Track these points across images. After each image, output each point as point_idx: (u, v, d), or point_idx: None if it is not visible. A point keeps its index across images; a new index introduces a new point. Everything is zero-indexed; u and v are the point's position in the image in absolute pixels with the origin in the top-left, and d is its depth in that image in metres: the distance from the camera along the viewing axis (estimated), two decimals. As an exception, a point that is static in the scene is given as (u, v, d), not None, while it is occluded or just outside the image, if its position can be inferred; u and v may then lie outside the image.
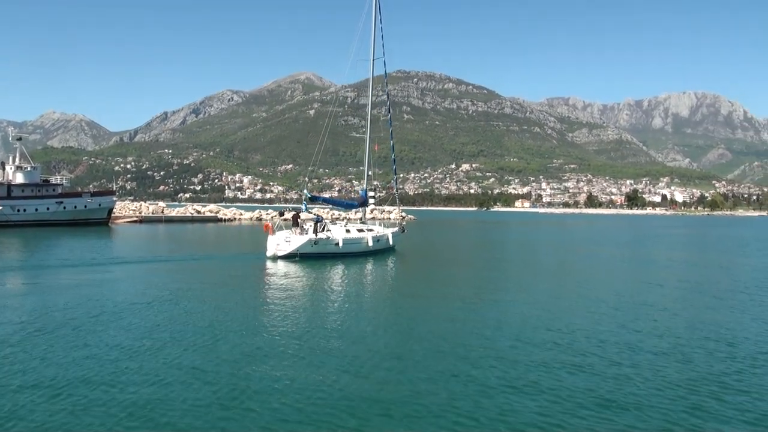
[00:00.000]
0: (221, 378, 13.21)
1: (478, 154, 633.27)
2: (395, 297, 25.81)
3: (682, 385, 13.22)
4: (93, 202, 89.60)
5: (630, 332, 18.49)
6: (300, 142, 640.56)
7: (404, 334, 17.82)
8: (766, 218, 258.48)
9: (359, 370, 13.92)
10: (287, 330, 18.14)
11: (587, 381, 13.47)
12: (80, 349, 15.40)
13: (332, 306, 23.00)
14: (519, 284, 30.27)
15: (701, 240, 78.59)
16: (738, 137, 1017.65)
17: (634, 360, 15.26)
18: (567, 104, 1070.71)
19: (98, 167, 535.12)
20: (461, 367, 14.31)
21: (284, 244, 39.88)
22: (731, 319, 21.08)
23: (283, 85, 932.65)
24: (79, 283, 27.57)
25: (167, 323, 18.85)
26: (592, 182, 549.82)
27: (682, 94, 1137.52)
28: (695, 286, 30.34)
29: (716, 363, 15.11)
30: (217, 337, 16.92)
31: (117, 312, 20.39)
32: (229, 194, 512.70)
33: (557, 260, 45.54)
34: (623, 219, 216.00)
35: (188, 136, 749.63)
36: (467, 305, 23.13)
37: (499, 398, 12.29)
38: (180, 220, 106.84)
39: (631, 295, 26.62)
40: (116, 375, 13.28)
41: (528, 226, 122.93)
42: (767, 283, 31.48)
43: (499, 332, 18.21)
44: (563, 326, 19.20)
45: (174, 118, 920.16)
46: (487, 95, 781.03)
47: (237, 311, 21.09)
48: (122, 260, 38.33)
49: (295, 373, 13.62)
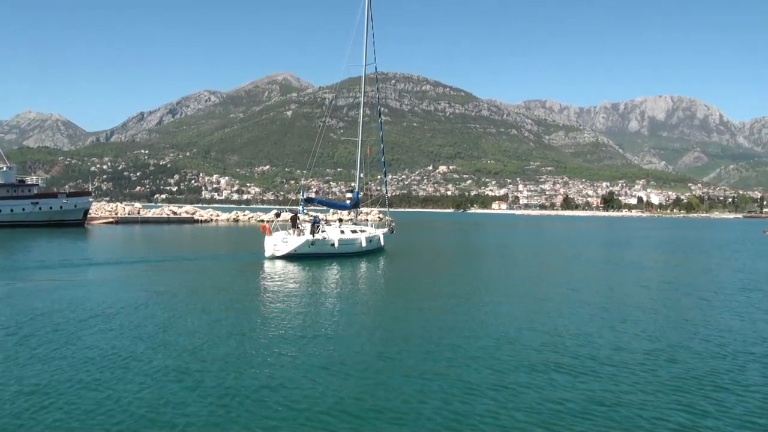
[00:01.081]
0: (223, 379, 13.37)
1: (455, 156, 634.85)
2: (389, 297, 26.40)
3: (670, 384, 13.49)
4: (69, 203, 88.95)
5: (617, 332, 18.83)
6: (277, 143, 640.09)
7: (397, 335, 18.13)
8: (741, 220, 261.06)
9: (355, 371, 14.12)
10: (288, 329, 18.62)
11: (575, 381, 13.74)
12: (77, 353, 15.41)
13: (331, 306, 23.34)
14: (507, 284, 30.92)
15: (681, 242, 79.42)
16: (714, 141, 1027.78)
17: (623, 359, 15.57)
18: (544, 107, 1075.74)
19: (74, 167, 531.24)
20: (453, 367, 14.56)
21: (281, 244, 40.82)
22: (715, 318, 21.53)
23: (260, 85, 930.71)
24: (77, 284, 27.49)
25: (182, 325, 19.14)
26: (568, 184, 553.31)
27: (659, 98, 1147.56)
28: (680, 287, 30.82)
29: (703, 362, 15.44)
30: (215, 339, 17.12)
31: (110, 315, 20.39)
32: (205, 195, 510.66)
33: (540, 261, 45.98)
34: (600, 221, 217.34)
35: (165, 137, 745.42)
36: (459, 306, 23.60)
37: (491, 398, 12.49)
38: (156, 221, 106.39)
39: (618, 296, 27.03)
40: (106, 381, 13.21)
41: (506, 228, 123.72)
42: (749, 284, 32.09)
43: (489, 332, 18.61)
44: (550, 326, 19.64)
45: (150, 118, 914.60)
46: (465, 97, 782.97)
47: (241, 311, 21.58)
48: (118, 261, 38.33)
49: (292, 374, 13.80)
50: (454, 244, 68.74)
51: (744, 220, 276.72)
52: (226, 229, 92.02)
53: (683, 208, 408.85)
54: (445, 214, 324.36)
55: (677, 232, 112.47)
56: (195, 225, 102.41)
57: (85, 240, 61.46)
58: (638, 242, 75.50)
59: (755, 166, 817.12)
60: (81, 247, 50.59)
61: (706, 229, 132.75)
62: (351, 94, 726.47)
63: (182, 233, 78.09)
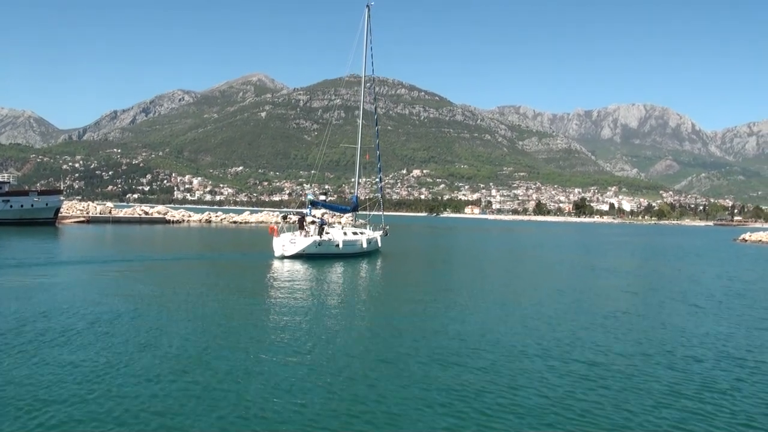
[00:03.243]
0: (230, 377, 13.63)
1: (429, 160, 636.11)
2: (395, 293, 29.09)
3: (648, 389, 13.82)
4: (40, 202, 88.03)
5: (604, 335, 19.35)
6: (251, 144, 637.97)
7: (396, 336, 18.72)
8: (712, 228, 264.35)
9: (358, 373, 14.38)
10: (308, 324, 19.95)
11: (567, 383, 14.09)
12: (77, 353, 15.42)
13: (347, 302, 25.52)
14: (496, 284, 33.06)
15: (658, 248, 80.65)
16: (686, 149, 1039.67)
17: (617, 363, 15.99)
18: (518, 113, 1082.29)
19: (46, 165, 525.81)
20: (450, 370, 14.87)
21: (290, 245, 43.07)
22: (693, 323, 22.04)
23: (235, 86, 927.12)
24: (49, 284, 27.51)
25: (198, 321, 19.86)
26: (541, 190, 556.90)
27: (631, 106, 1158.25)
28: (661, 293, 31.42)
29: (684, 367, 15.87)
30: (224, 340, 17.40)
31: (114, 317, 20.46)
32: (178, 195, 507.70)
33: (524, 266, 46.97)
34: (573, 227, 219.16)
35: (138, 136, 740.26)
36: (458, 302, 25.65)
37: (491, 400, 12.78)
38: (128, 221, 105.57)
39: (603, 301, 27.59)
40: (101, 384, 13.09)
41: (482, 233, 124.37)
42: (730, 290, 32.94)
43: (483, 331, 19.16)
44: (536, 328, 20.05)
45: (124, 116, 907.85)
46: (439, 102, 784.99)
47: (256, 307, 22.96)
48: (89, 261, 38.17)
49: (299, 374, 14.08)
50: (441, 247, 72.53)
51: (715, 227, 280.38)
52: (198, 229, 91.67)
53: (654, 215, 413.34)
54: (418, 217, 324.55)
55: (651, 239, 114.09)
56: (166, 225, 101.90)
57: (56, 239, 61.12)
58: (615, 248, 76.60)
59: (726, 175, 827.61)
60: (52, 246, 50.39)
61: (678, 236, 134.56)
62: (326, 97, 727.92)
63: (155, 233, 77.73)
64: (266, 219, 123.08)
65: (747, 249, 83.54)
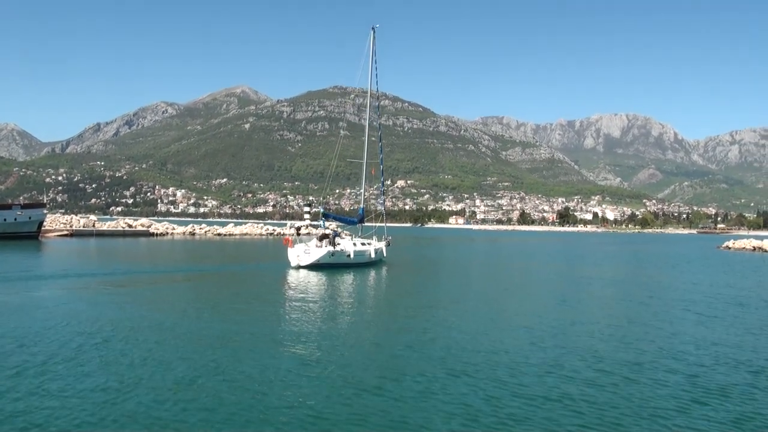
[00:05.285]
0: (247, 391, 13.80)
1: (413, 170, 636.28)
2: (404, 300, 31.24)
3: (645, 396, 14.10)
4: (23, 215, 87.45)
5: (622, 345, 19.57)
6: (235, 156, 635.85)
7: (417, 332, 20.60)
8: (695, 236, 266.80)
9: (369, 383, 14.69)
10: (327, 329, 21.70)
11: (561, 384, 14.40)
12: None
13: (361, 311, 27.09)
14: (496, 292, 34.23)
15: (644, 256, 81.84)
16: (668, 158, 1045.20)
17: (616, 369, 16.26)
18: (501, 123, 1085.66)
19: (29, 178, 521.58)
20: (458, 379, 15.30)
21: (304, 255, 45.71)
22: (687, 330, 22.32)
23: (218, 98, 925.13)
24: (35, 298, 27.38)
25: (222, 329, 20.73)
26: (525, 200, 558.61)
27: (614, 116, 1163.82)
28: (668, 302, 31.87)
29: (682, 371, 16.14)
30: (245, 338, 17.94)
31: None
32: (161, 208, 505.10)
33: (510, 275, 47.64)
34: (557, 236, 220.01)
35: (121, 148, 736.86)
36: (463, 309, 27.79)
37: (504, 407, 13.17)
38: (111, 234, 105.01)
39: (612, 312, 28.06)
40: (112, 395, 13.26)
41: (468, 243, 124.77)
42: (743, 300, 33.39)
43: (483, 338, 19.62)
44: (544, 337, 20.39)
45: (107, 129, 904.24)
46: (423, 113, 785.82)
47: (281, 314, 24.87)
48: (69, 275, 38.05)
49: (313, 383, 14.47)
50: (436, 256, 75.74)
51: (698, 235, 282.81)
52: (182, 242, 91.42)
53: (638, 223, 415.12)
54: (403, 228, 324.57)
55: (638, 247, 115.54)
56: (150, 238, 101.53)
57: (40, 253, 60.88)
58: (607, 258, 77.37)
59: (709, 183, 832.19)
60: (35, 260, 50.21)
61: (663, 244, 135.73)
62: (309, 108, 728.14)
63: (148, 246, 77.42)
64: (250, 231, 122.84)
65: (733, 256, 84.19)
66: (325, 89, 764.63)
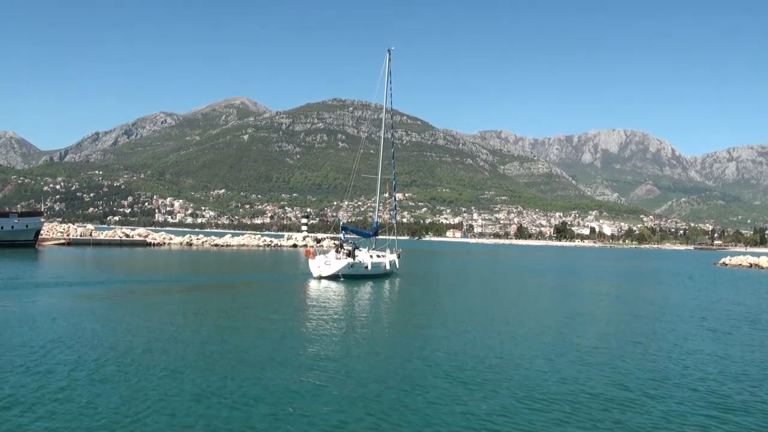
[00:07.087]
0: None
1: (411, 183, 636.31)
2: (418, 314, 30.82)
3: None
4: (20, 223, 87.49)
5: (638, 360, 19.79)
6: (233, 167, 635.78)
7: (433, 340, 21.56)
8: (692, 252, 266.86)
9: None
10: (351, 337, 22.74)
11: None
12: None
13: (385, 320, 28.59)
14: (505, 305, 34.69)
15: (644, 272, 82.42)
16: (666, 174, 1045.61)
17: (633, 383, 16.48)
18: (499, 137, 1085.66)
19: (27, 187, 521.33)
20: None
21: (325, 266, 47.83)
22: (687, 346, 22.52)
23: (217, 109, 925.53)
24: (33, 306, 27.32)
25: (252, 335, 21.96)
26: (522, 214, 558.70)
27: (612, 131, 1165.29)
28: (681, 318, 31.99)
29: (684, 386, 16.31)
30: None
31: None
32: (159, 218, 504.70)
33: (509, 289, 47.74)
34: (555, 250, 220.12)
35: (119, 158, 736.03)
36: (474, 321, 28.56)
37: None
38: (108, 243, 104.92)
39: (626, 327, 28.12)
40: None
41: (468, 256, 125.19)
42: (749, 316, 33.69)
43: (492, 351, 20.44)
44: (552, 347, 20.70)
45: (106, 138, 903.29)
46: (421, 126, 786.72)
47: (305, 323, 25.84)
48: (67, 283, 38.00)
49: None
50: (442, 269, 79.41)
51: (695, 251, 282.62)
52: (180, 252, 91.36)
53: (635, 239, 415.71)
54: (401, 241, 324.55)
55: (636, 263, 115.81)
56: (147, 248, 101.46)
57: (36, 261, 60.84)
58: (609, 274, 77.38)
59: (706, 200, 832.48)
60: (32, 269, 50.19)
61: (661, 260, 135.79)
62: (308, 120, 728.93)
63: (135, 256, 77.33)
64: (248, 242, 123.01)
65: (730, 273, 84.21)
66: (324, 101, 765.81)
